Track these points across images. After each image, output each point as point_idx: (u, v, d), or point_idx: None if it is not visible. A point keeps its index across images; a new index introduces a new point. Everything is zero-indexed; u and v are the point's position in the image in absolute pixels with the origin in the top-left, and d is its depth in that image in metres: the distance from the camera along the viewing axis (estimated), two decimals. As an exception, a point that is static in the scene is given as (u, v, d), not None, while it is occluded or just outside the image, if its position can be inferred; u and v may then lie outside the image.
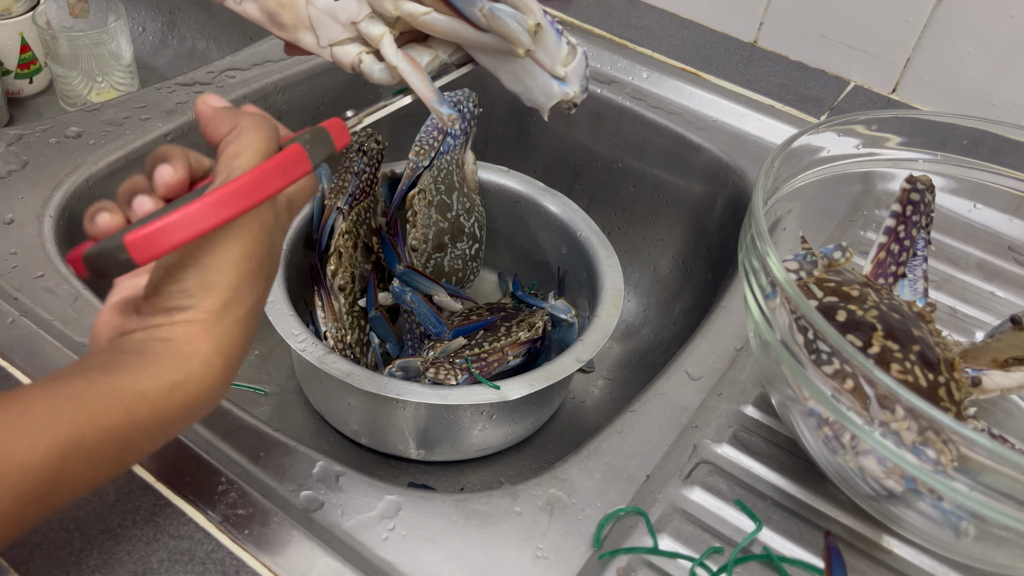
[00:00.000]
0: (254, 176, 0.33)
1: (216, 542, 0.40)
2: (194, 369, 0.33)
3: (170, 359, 0.32)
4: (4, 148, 0.61)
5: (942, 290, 0.60)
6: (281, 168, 0.34)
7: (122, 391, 0.31)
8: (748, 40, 0.84)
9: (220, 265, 0.33)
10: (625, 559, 0.42)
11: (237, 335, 0.34)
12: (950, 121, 0.54)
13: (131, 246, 0.31)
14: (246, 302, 0.34)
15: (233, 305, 0.33)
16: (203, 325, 0.33)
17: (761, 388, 0.52)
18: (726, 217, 0.71)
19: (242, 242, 0.33)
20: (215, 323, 0.33)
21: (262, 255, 0.34)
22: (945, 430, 0.35)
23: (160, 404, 0.32)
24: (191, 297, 0.33)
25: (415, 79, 0.44)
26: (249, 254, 0.34)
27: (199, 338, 0.33)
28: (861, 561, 0.44)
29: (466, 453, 0.63)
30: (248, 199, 0.32)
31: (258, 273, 0.34)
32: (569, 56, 0.46)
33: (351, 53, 0.44)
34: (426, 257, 0.67)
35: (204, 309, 0.33)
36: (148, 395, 0.31)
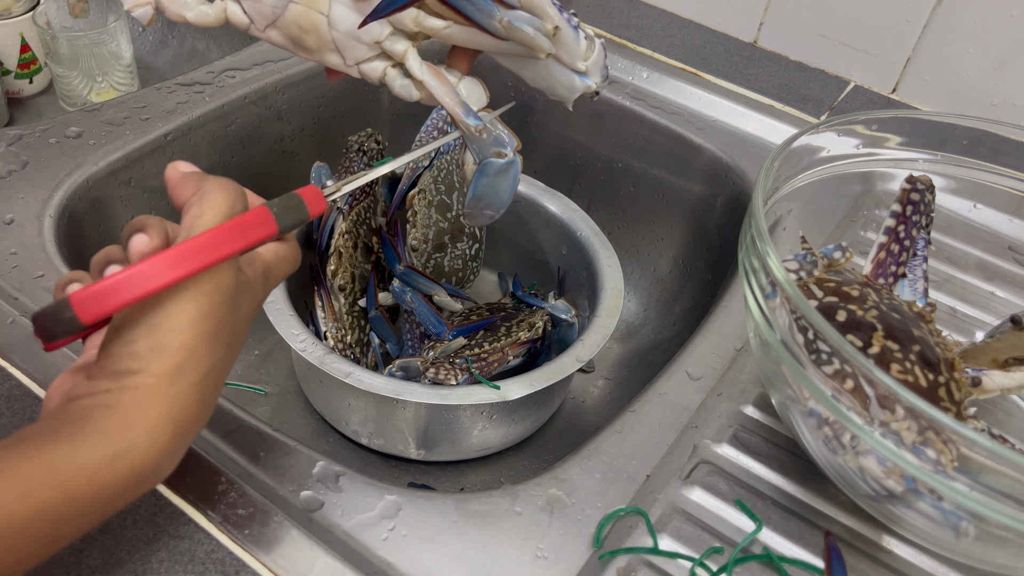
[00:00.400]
0: (210, 235, 0.31)
1: (216, 542, 0.40)
2: (139, 437, 0.30)
3: (113, 427, 0.30)
4: (4, 148, 0.61)
5: (942, 290, 0.60)
6: (240, 229, 0.32)
7: (57, 464, 0.29)
8: (748, 40, 0.84)
9: (172, 325, 0.31)
10: (625, 559, 0.42)
11: (191, 400, 0.32)
12: (950, 121, 0.54)
13: (76, 304, 0.29)
14: (202, 365, 0.32)
15: (187, 368, 0.31)
16: (152, 389, 0.31)
17: (761, 388, 0.52)
18: (726, 217, 0.71)
19: (197, 302, 0.32)
20: (166, 387, 0.31)
21: (220, 317, 0.33)
22: (945, 430, 0.35)
23: (100, 477, 0.30)
24: (140, 359, 0.31)
25: (441, 91, 0.45)
26: (205, 314, 0.32)
27: (146, 403, 0.31)
28: (861, 561, 0.44)
29: (466, 453, 0.63)
30: (203, 258, 0.31)
31: (216, 337, 0.32)
32: (588, 50, 0.47)
33: (378, 68, 0.45)
34: (426, 257, 0.67)
35: (154, 372, 0.31)
36: (86, 468, 0.29)
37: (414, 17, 0.43)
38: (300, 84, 0.74)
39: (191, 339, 0.31)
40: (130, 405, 0.31)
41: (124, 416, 0.30)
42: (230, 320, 0.33)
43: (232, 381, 0.69)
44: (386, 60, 0.45)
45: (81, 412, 0.31)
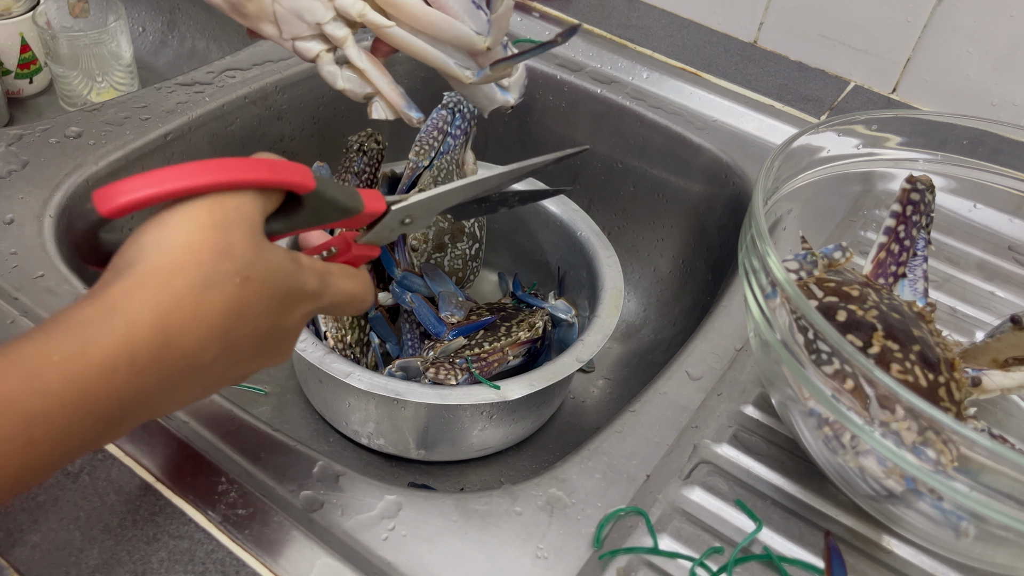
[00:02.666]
0: (240, 159, 0.31)
1: (216, 542, 0.40)
2: (116, 324, 0.28)
3: (91, 315, 0.29)
4: (4, 148, 0.61)
5: (942, 290, 0.60)
6: (271, 165, 0.32)
7: (22, 357, 0.27)
8: (748, 40, 0.84)
9: (180, 223, 0.30)
10: (625, 559, 0.42)
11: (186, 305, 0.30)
12: (950, 121, 0.54)
13: (97, 197, 0.29)
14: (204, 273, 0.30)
15: (189, 270, 0.30)
16: (144, 280, 0.29)
17: (761, 388, 0.52)
18: (726, 217, 0.71)
19: (211, 210, 0.31)
20: (160, 282, 0.29)
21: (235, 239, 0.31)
22: (945, 430, 0.35)
23: (71, 368, 0.28)
24: (142, 252, 0.30)
25: (381, 81, 0.46)
26: (217, 224, 0.30)
27: (133, 292, 0.29)
28: (861, 561, 0.44)
29: (466, 453, 0.63)
30: (227, 173, 0.31)
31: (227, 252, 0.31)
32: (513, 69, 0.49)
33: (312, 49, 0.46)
34: (426, 257, 0.67)
35: (151, 264, 0.30)
36: (52, 356, 0.27)
37: (360, 10, 0.44)
38: (300, 84, 0.74)
39: (196, 242, 0.30)
40: (116, 293, 0.29)
41: (105, 304, 0.29)
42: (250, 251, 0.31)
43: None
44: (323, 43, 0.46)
45: (69, 308, 0.29)
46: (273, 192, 0.33)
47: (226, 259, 0.31)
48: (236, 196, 0.31)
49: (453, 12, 0.45)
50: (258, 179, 0.32)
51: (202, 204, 0.31)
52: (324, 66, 0.46)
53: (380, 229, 0.40)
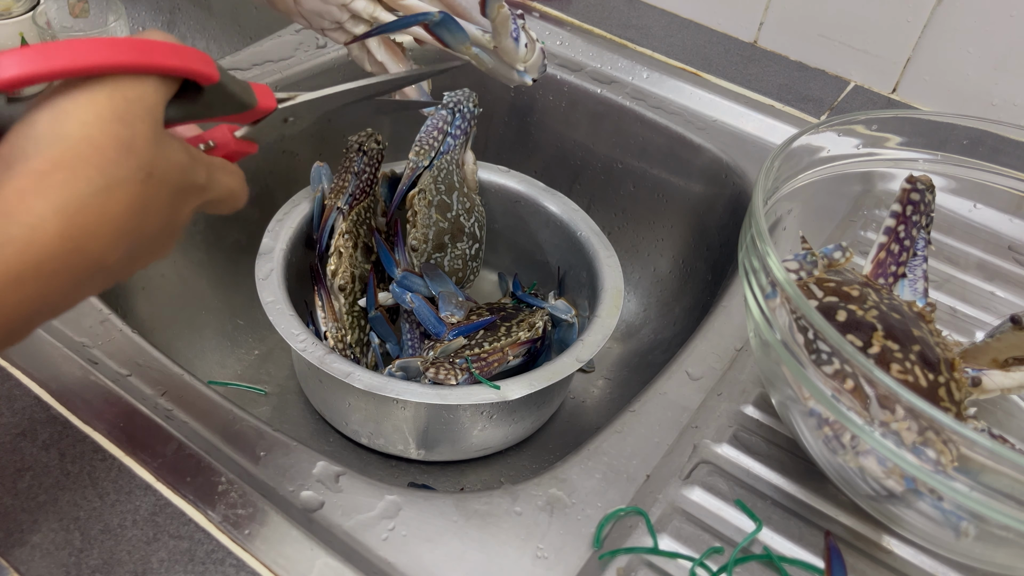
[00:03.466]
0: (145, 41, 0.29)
1: (216, 542, 0.40)
2: (15, 231, 0.27)
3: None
4: (4, 148, 0.61)
5: (942, 290, 0.60)
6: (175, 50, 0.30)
7: None
8: (748, 40, 0.84)
9: (80, 115, 0.28)
10: (625, 559, 0.42)
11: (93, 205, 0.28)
12: (950, 121, 0.54)
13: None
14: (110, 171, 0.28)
15: (91, 166, 0.28)
16: (43, 177, 0.27)
17: (761, 388, 0.52)
18: (726, 217, 0.71)
19: (113, 102, 0.28)
20: (62, 179, 0.27)
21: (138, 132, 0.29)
22: (945, 430, 0.35)
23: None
24: (36, 144, 0.28)
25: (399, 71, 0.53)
26: (120, 117, 0.28)
27: (33, 193, 0.27)
28: (861, 561, 0.44)
29: (466, 453, 0.63)
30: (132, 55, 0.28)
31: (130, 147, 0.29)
32: (528, 53, 0.54)
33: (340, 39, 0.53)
34: (426, 257, 0.67)
35: (48, 159, 0.27)
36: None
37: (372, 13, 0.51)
38: (300, 84, 0.74)
39: (99, 136, 0.28)
40: (12, 193, 0.27)
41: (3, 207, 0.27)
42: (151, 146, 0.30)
43: (232, 381, 0.69)
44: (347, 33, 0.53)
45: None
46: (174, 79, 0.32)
47: (130, 155, 0.29)
48: (139, 84, 0.29)
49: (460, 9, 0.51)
50: (162, 64, 0.30)
51: (103, 92, 0.28)
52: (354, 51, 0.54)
53: (263, 126, 0.39)
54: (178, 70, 0.30)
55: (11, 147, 0.28)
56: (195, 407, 0.47)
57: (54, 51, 0.27)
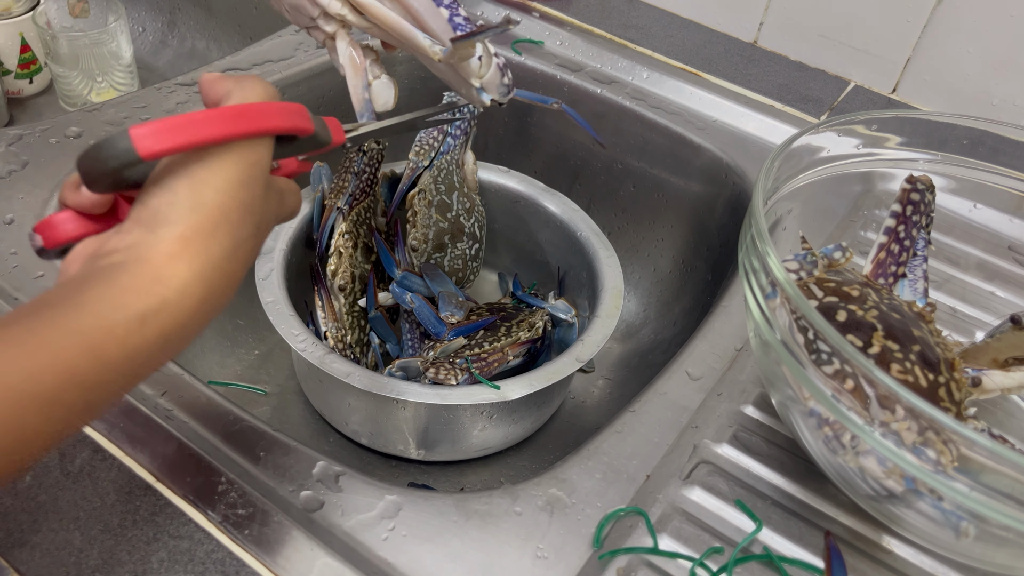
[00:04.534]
0: (262, 105, 0.32)
1: (216, 542, 0.40)
2: (170, 296, 0.29)
3: (143, 284, 0.29)
4: (4, 148, 0.61)
5: (942, 290, 0.60)
6: (285, 110, 0.33)
7: (85, 328, 0.28)
8: (748, 40, 0.84)
9: (215, 183, 0.31)
10: (625, 559, 0.42)
11: (222, 266, 0.31)
12: (950, 121, 0.54)
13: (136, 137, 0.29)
14: (234, 233, 0.31)
15: (223, 231, 0.31)
16: (187, 245, 0.30)
17: (761, 388, 0.52)
18: (726, 217, 0.71)
19: (239, 168, 0.31)
20: (202, 245, 0.30)
21: (255, 192, 0.32)
22: (945, 430, 0.35)
23: (130, 340, 0.29)
24: (179, 211, 0.30)
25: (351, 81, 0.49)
26: (244, 182, 0.31)
27: (179, 259, 0.30)
28: (861, 561, 0.44)
29: (466, 453, 0.63)
30: (256, 122, 0.32)
31: (249, 210, 0.32)
32: (483, 68, 0.50)
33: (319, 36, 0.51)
34: (426, 257, 0.67)
35: (191, 226, 0.30)
36: (116, 330, 0.28)
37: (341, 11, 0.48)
38: (300, 84, 0.74)
39: (229, 202, 0.31)
40: (163, 258, 0.29)
41: (156, 272, 0.29)
42: (261, 202, 0.33)
43: (232, 381, 0.69)
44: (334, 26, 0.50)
45: (110, 269, 0.30)
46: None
47: (250, 215, 0.32)
48: (257, 148, 0.32)
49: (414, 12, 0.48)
50: (276, 128, 0.33)
51: (231, 160, 0.31)
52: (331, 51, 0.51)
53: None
54: (287, 130, 0.33)
55: (152, 211, 0.30)
56: (195, 407, 0.47)
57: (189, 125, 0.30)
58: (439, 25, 0.48)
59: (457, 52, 0.48)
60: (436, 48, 0.47)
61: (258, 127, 0.32)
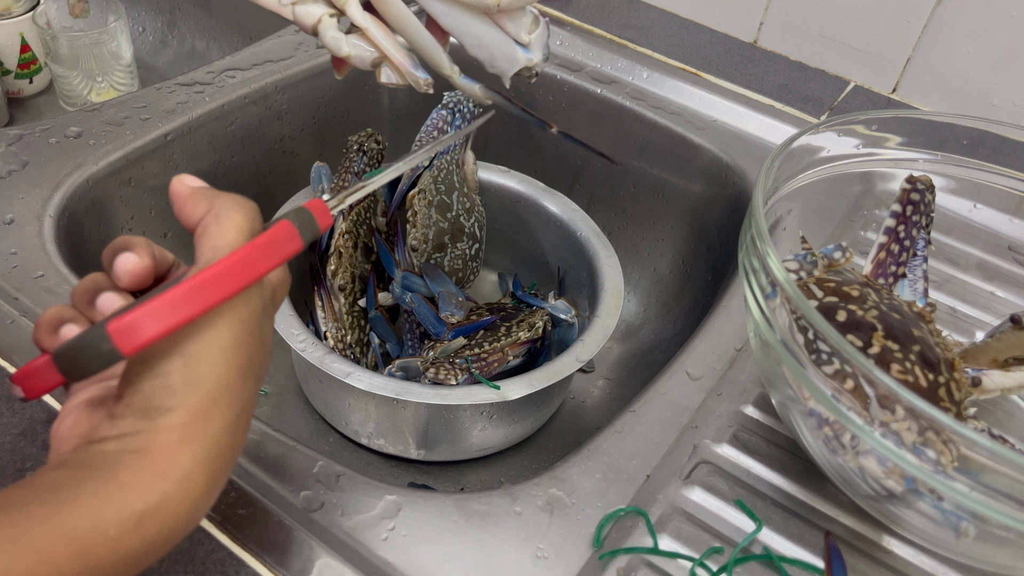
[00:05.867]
0: (246, 253, 0.29)
1: (216, 542, 0.40)
2: (170, 490, 0.27)
3: (143, 479, 0.27)
4: (4, 148, 0.61)
5: (942, 290, 0.60)
6: (272, 246, 0.30)
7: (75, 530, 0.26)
8: (748, 40, 0.84)
9: (210, 355, 0.28)
10: (625, 559, 0.42)
11: (226, 443, 0.29)
12: (950, 121, 0.54)
13: (115, 334, 0.27)
14: (236, 403, 0.29)
15: (223, 405, 0.29)
16: (187, 431, 0.28)
17: (761, 388, 0.52)
18: (726, 217, 0.71)
19: (232, 330, 0.29)
20: (202, 427, 0.28)
21: (252, 348, 0.30)
22: (945, 430, 0.35)
23: (123, 541, 0.26)
24: (175, 395, 0.28)
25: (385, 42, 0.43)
26: (239, 343, 0.29)
27: (181, 447, 0.28)
28: (861, 561, 0.44)
29: (466, 453, 0.63)
30: (241, 278, 0.29)
31: (248, 370, 0.30)
32: (533, 24, 0.45)
33: (314, 14, 0.43)
34: (426, 257, 0.67)
35: (189, 410, 0.28)
36: (108, 531, 0.26)
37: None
38: (300, 84, 0.74)
39: (226, 372, 0.29)
40: (163, 450, 0.27)
41: (156, 465, 0.27)
42: (260, 352, 0.31)
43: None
44: (325, 6, 0.43)
45: (106, 460, 0.27)
46: None
47: (250, 376, 0.30)
48: (248, 300, 0.30)
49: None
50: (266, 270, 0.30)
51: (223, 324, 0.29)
52: (327, 32, 0.43)
53: None
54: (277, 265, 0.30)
55: (146, 397, 0.28)
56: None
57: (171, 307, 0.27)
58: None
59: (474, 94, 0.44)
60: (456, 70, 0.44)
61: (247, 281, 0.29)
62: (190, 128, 0.67)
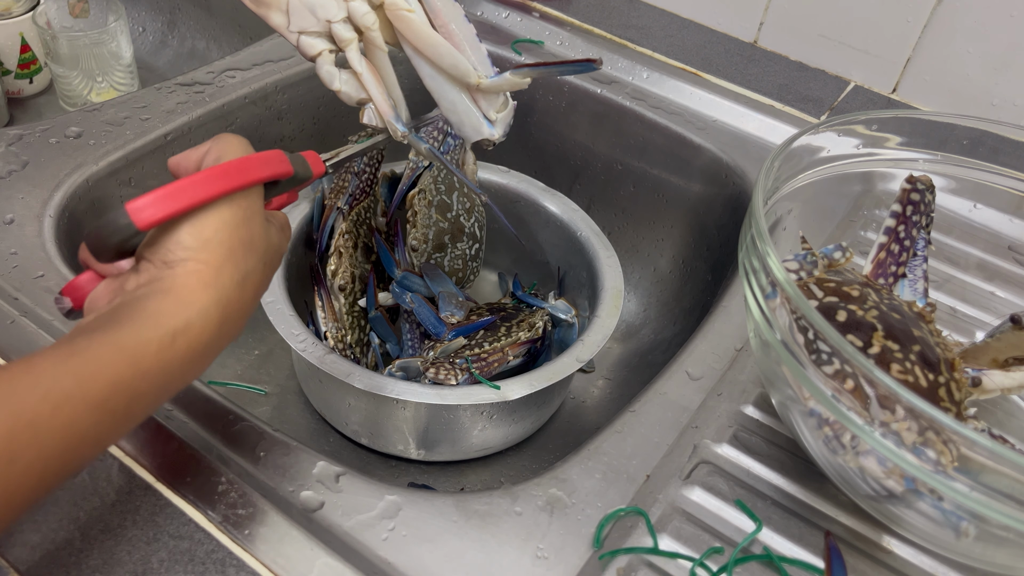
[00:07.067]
0: (243, 160, 0.36)
1: (216, 542, 0.40)
2: (193, 318, 0.33)
3: (170, 307, 0.33)
4: (4, 148, 0.61)
5: (942, 290, 0.60)
6: (264, 160, 0.37)
7: (125, 342, 0.32)
8: (748, 40, 0.84)
9: (215, 224, 0.34)
10: (625, 559, 0.42)
11: (233, 295, 0.35)
12: (950, 121, 0.54)
13: (132, 212, 0.33)
14: (240, 266, 0.35)
15: (228, 265, 0.35)
16: (201, 276, 0.34)
17: (761, 388, 0.52)
18: (726, 217, 0.71)
19: (233, 211, 0.35)
20: (213, 276, 0.34)
21: (253, 231, 0.36)
22: (945, 430, 0.35)
23: (164, 353, 0.32)
24: (188, 249, 0.34)
25: (375, 89, 0.48)
26: (240, 223, 0.35)
27: (197, 288, 0.34)
28: (861, 561, 0.44)
29: (466, 453, 0.63)
30: (239, 177, 0.35)
31: (249, 247, 0.36)
32: (503, 105, 0.51)
33: (316, 46, 0.47)
34: (426, 257, 0.67)
35: (202, 260, 0.34)
36: (151, 344, 0.32)
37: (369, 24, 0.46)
38: (300, 84, 0.74)
39: (230, 239, 0.35)
40: (183, 288, 0.33)
41: (179, 298, 0.33)
42: (263, 239, 0.37)
43: (232, 381, 0.69)
44: (327, 42, 0.47)
45: (137, 299, 0.33)
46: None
47: (252, 250, 0.36)
48: (248, 195, 0.36)
49: (456, 41, 0.47)
50: (260, 178, 0.37)
51: (226, 207, 0.35)
52: (323, 65, 0.48)
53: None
54: (270, 178, 0.37)
55: (164, 252, 0.34)
56: (195, 407, 0.47)
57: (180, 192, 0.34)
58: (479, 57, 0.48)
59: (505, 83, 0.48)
60: (481, 73, 0.48)
61: (243, 181, 0.35)
62: (190, 128, 0.67)
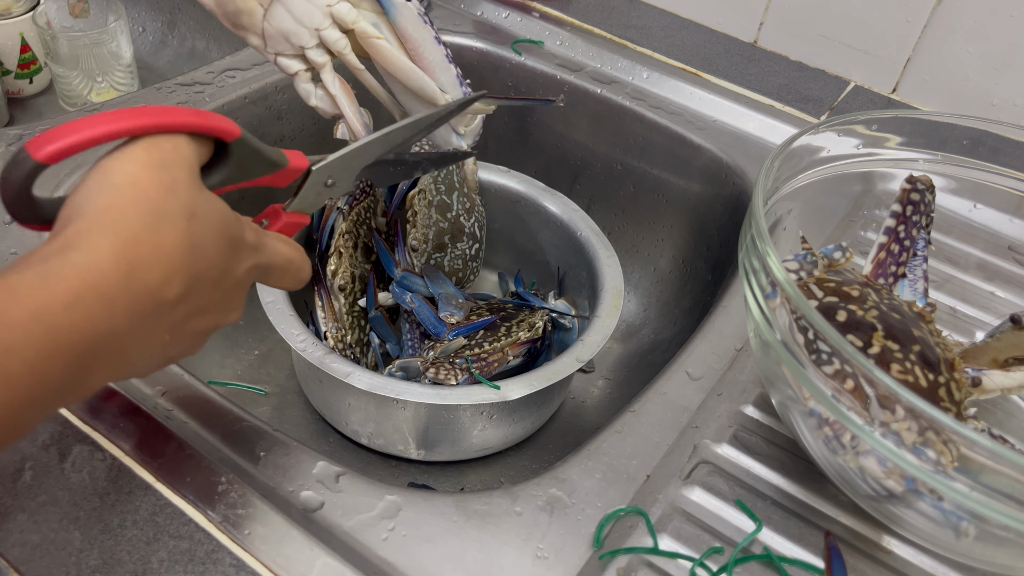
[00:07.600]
0: (168, 107, 0.33)
1: (216, 542, 0.40)
2: (75, 256, 0.29)
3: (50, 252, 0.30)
4: (4, 148, 0.61)
5: (942, 290, 0.60)
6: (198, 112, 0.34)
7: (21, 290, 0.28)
8: (748, 40, 0.84)
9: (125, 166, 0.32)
10: (625, 559, 0.42)
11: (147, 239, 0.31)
12: (950, 121, 0.54)
13: (30, 146, 0.31)
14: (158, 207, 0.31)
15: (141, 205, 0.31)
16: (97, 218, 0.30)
17: (761, 388, 0.52)
18: (726, 217, 0.71)
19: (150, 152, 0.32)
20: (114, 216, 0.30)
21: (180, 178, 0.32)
22: (945, 430, 0.35)
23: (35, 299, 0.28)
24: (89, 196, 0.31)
25: (348, 108, 0.51)
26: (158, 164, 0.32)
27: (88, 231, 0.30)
28: (861, 561, 0.44)
29: (466, 453, 0.63)
30: (157, 117, 0.32)
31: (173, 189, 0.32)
32: (471, 120, 0.54)
33: (293, 67, 0.50)
34: (426, 257, 0.67)
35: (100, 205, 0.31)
36: (15, 290, 0.28)
37: (341, 48, 0.49)
38: (300, 84, 0.74)
39: (142, 180, 0.31)
40: (71, 232, 0.30)
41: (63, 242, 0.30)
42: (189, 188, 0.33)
43: (232, 381, 0.69)
44: (303, 63, 0.50)
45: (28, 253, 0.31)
46: (204, 140, 0.35)
47: (172, 195, 0.32)
48: (172, 139, 0.33)
49: (425, 64, 0.50)
50: (187, 122, 0.33)
51: (140, 148, 0.32)
52: (300, 84, 0.51)
53: (305, 194, 0.42)
54: (201, 127, 0.34)
55: (68, 207, 0.31)
56: (195, 407, 0.47)
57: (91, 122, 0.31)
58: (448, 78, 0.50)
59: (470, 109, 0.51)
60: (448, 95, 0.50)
61: (160, 121, 0.32)
62: (190, 128, 0.67)
